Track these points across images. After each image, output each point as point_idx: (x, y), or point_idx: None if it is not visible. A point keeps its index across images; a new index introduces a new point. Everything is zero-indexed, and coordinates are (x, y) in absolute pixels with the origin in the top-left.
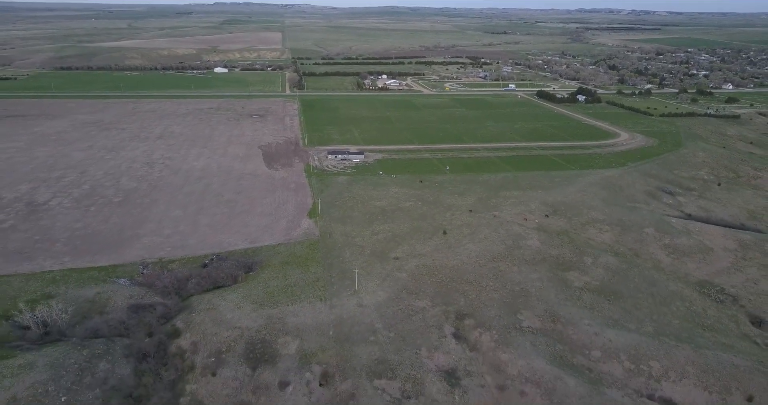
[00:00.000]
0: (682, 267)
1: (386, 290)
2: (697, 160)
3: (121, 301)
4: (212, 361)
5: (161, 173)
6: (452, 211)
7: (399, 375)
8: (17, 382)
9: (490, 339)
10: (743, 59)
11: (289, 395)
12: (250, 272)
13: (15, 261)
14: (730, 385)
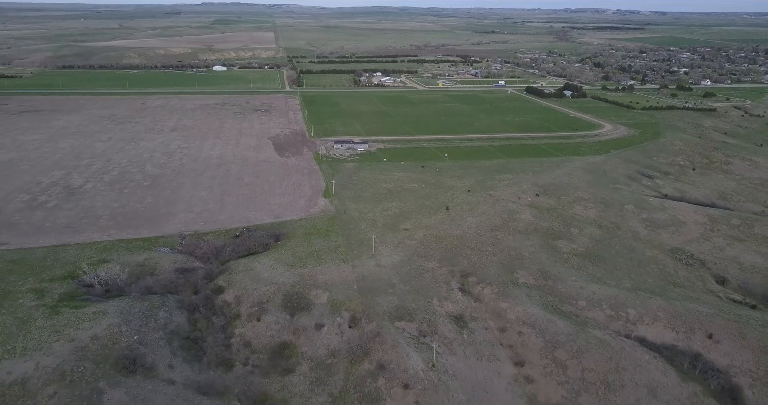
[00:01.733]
0: (657, 237)
1: (399, 254)
2: (674, 148)
3: (167, 265)
4: (255, 309)
5: (181, 161)
6: (453, 192)
7: (416, 318)
8: (95, 324)
9: (490, 292)
10: (722, 57)
11: (324, 335)
12: (278, 241)
13: (67, 234)
14: (694, 326)
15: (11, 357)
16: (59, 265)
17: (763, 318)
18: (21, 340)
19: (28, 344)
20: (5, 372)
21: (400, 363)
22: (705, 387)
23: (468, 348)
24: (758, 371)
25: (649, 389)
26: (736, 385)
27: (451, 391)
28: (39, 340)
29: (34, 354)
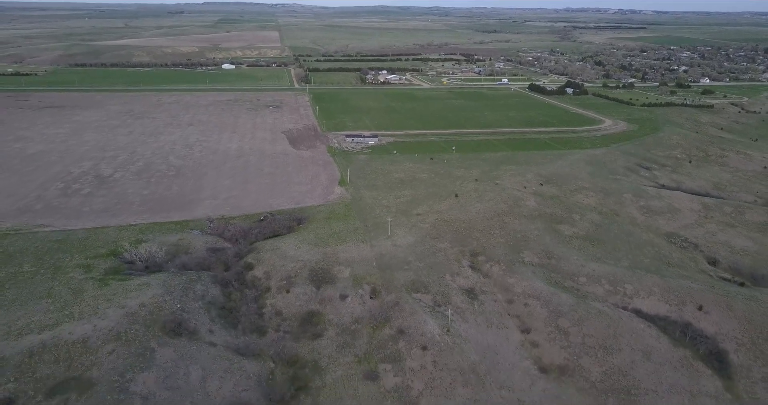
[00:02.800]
0: (653, 222)
1: (413, 236)
2: (672, 142)
3: (199, 245)
4: (284, 283)
5: (202, 153)
6: (461, 181)
7: (431, 290)
8: (141, 294)
9: (498, 269)
10: (722, 56)
11: (348, 304)
12: (300, 224)
13: (104, 217)
14: (685, 299)
15: (71, 320)
16: (101, 244)
17: (750, 293)
18: (77, 306)
19: (84, 310)
20: (67, 332)
21: (418, 328)
22: (694, 352)
23: (479, 317)
24: (743, 338)
25: (643, 353)
26: (723, 350)
27: (464, 353)
28: (93, 307)
29: (90, 318)
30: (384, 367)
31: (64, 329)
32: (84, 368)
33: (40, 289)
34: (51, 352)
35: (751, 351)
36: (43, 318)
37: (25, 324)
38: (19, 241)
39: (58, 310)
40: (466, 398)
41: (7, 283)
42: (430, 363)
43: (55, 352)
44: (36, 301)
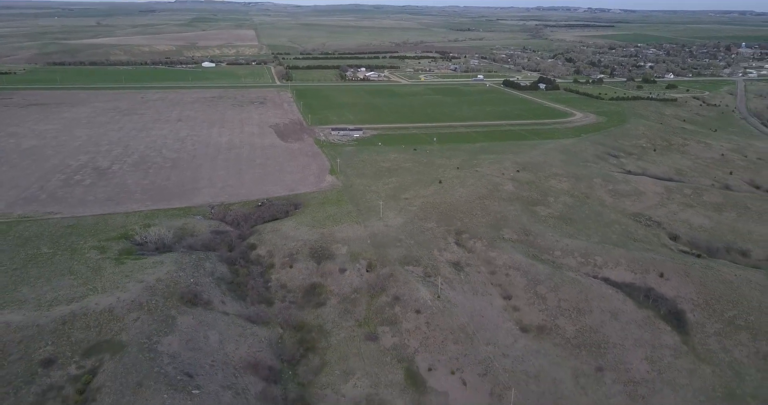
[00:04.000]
0: (620, 204)
1: (403, 217)
2: (638, 133)
3: (203, 228)
4: (287, 260)
5: (194, 146)
6: (443, 169)
7: (421, 263)
8: (156, 270)
9: (481, 245)
10: (685, 53)
11: (347, 277)
12: (296, 209)
13: (110, 205)
14: (648, 268)
15: (95, 293)
16: (111, 229)
17: (706, 263)
18: (99, 282)
19: (105, 284)
20: (94, 303)
21: (412, 295)
22: (656, 312)
23: (465, 285)
24: (698, 299)
25: (611, 314)
26: (681, 310)
27: (454, 315)
28: (114, 282)
29: (113, 291)
30: (382, 329)
31: (91, 301)
32: (114, 333)
33: (61, 268)
34: (81, 320)
35: (705, 310)
36: (68, 292)
37: (53, 297)
38: (32, 227)
39: (81, 285)
40: (457, 353)
41: (28, 263)
42: (424, 324)
43: (85, 320)
44: (59, 278)
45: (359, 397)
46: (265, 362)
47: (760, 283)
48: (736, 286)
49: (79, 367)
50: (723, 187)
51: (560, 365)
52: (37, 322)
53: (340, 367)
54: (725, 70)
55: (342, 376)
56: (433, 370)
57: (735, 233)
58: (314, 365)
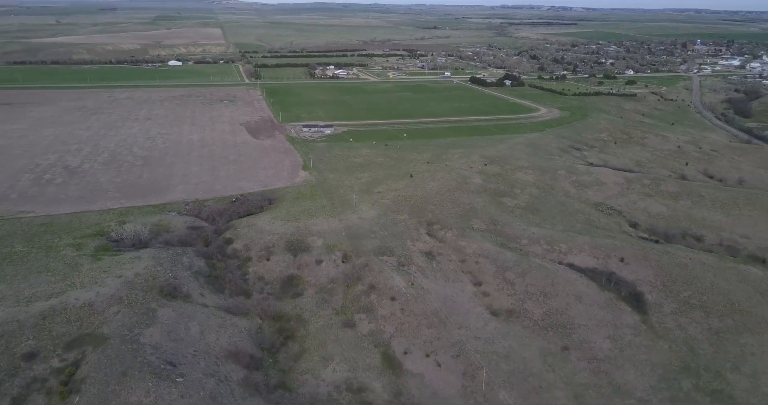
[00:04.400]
0: (583, 194)
1: (376, 210)
2: (599, 127)
3: (179, 224)
4: (263, 253)
5: (165, 144)
6: (414, 163)
7: (395, 253)
8: (135, 265)
9: (452, 235)
10: (644, 50)
11: (323, 268)
12: (271, 204)
13: (83, 203)
14: (610, 254)
15: (74, 289)
16: (86, 227)
17: (663, 248)
18: (77, 277)
19: (84, 280)
20: (73, 298)
21: (387, 283)
22: (617, 294)
23: (437, 273)
24: (656, 282)
25: (576, 297)
26: (640, 292)
27: (427, 301)
28: (92, 277)
29: (92, 286)
30: (359, 316)
31: (70, 296)
32: (95, 326)
33: (37, 265)
34: (61, 314)
35: (662, 292)
36: (47, 288)
37: (32, 294)
38: (4, 225)
39: (59, 281)
40: (431, 337)
41: (2, 261)
42: (399, 311)
43: (65, 315)
44: (36, 275)
45: (338, 381)
46: (245, 351)
47: (712, 265)
48: (691, 268)
49: (61, 360)
50: (679, 177)
51: (529, 346)
52: (17, 318)
53: (319, 353)
54: (681, 67)
55: (321, 362)
56: (409, 354)
57: (690, 220)
58: (294, 352)
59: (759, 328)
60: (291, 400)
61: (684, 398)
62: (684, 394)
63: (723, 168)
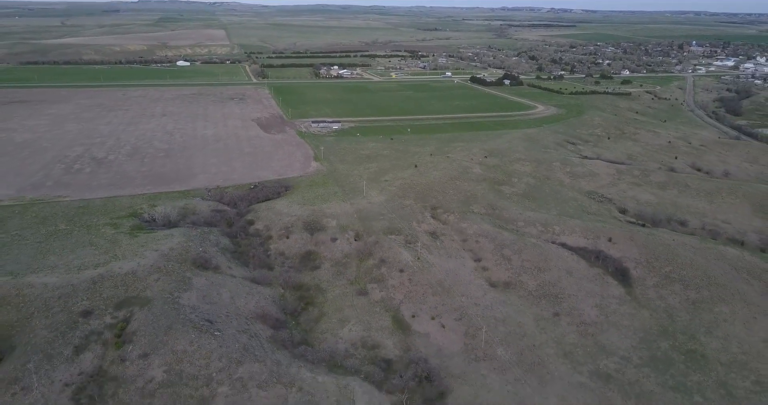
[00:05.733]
0: (577, 184)
1: (384, 196)
2: (594, 123)
3: (204, 208)
4: (283, 232)
5: (182, 138)
6: (418, 155)
7: (402, 233)
8: (168, 241)
9: (454, 218)
10: (641, 51)
11: (338, 244)
12: (287, 190)
13: (113, 189)
14: (599, 235)
15: (117, 260)
16: (119, 209)
17: (649, 231)
18: (118, 250)
19: (125, 253)
20: (117, 267)
21: (395, 258)
22: (605, 270)
23: (441, 250)
24: (640, 259)
25: (567, 271)
26: (625, 268)
27: (432, 273)
28: (132, 251)
29: (132, 258)
30: (371, 286)
31: (114, 266)
32: (139, 290)
33: (81, 241)
34: (109, 280)
35: (646, 267)
36: (93, 259)
37: (80, 263)
38: (46, 208)
39: (103, 254)
40: (436, 303)
41: (50, 237)
42: (407, 281)
43: (112, 281)
44: (81, 248)
45: (355, 339)
46: (271, 314)
47: (693, 245)
48: (673, 248)
49: (113, 317)
50: (668, 169)
51: (523, 312)
52: (71, 283)
53: (336, 316)
54: (677, 67)
55: (339, 324)
56: (416, 317)
57: (676, 207)
58: (314, 316)
59: (732, 299)
60: (313, 354)
61: (661, 356)
62: (661, 352)
63: (710, 161)
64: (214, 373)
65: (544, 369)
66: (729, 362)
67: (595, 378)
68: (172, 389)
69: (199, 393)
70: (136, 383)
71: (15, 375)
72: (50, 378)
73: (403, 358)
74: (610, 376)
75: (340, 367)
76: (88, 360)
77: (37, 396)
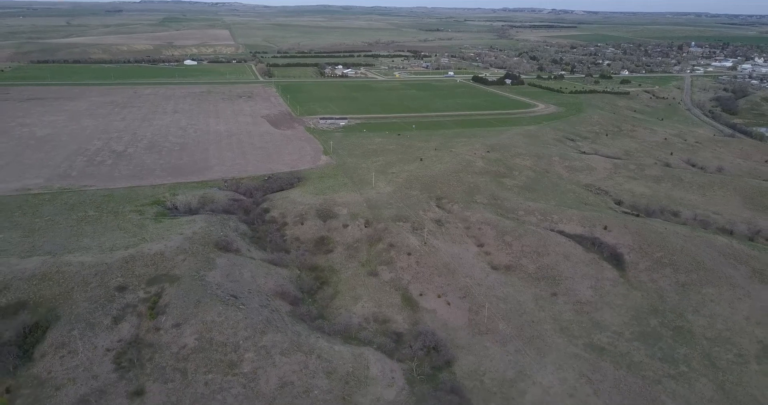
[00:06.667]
0: (575, 177)
1: (391, 187)
2: (592, 121)
3: (221, 197)
4: (297, 219)
5: (196, 133)
6: (423, 150)
7: (409, 220)
8: (191, 226)
9: (458, 207)
10: (641, 51)
11: (349, 230)
12: (299, 182)
13: (135, 180)
14: (595, 223)
15: (145, 242)
16: (143, 197)
17: (642, 220)
18: (146, 234)
19: (152, 236)
20: (147, 249)
21: (403, 242)
22: (600, 255)
23: (446, 236)
24: (634, 245)
25: (564, 256)
26: (619, 253)
27: (438, 256)
28: (158, 234)
29: (159, 240)
30: (381, 267)
31: (144, 247)
32: (168, 269)
33: (110, 225)
34: (140, 260)
35: (638, 253)
36: (123, 241)
37: (112, 245)
38: (73, 196)
39: (131, 237)
40: (442, 283)
41: (80, 222)
42: (414, 263)
43: (143, 260)
44: (111, 232)
45: (367, 314)
46: (289, 292)
47: (684, 234)
48: (665, 235)
49: (146, 292)
50: (664, 164)
51: (523, 292)
52: (105, 261)
53: (349, 294)
54: (675, 67)
55: (352, 301)
56: (424, 295)
57: (669, 199)
58: (329, 294)
59: (719, 281)
60: (329, 327)
61: (651, 332)
62: (651, 328)
63: (705, 158)
64: (241, 341)
65: (542, 342)
66: (714, 337)
67: (589, 350)
68: (204, 354)
69: (228, 358)
70: (171, 349)
71: (62, 340)
72: (93, 344)
73: (412, 331)
74: (603, 349)
75: (354, 339)
76: (126, 329)
77: (82, 359)
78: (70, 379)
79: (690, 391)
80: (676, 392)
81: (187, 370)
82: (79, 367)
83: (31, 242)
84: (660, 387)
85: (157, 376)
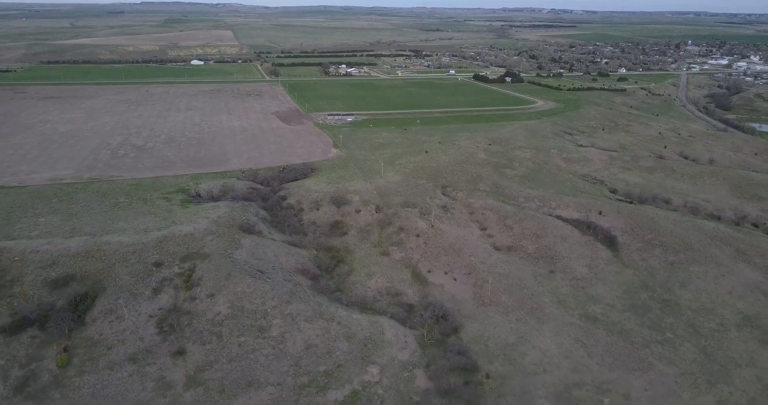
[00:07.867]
0: (572, 168)
1: (399, 176)
2: (590, 116)
3: (241, 186)
4: (313, 205)
5: (211, 129)
6: (428, 143)
7: (417, 206)
8: (216, 211)
9: (462, 194)
10: (638, 50)
11: (361, 215)
12: (312, 172)
13: (158, 171)
14: (591, 208)
15: (175, 225)
16: (168, 186)
17: (635, 206)
18: (175, 217)
19: (181, 219)
20: (177, 230)
21: (412, 225)
22: (595, 237)
23: (451, 220)
24: (626, 228)
25: (561, 238)
26: (613, 236)
27: (444, 238)
28: (186, 218)
29: (188, 223)
30: (392, 248)
31: (174, 229)
32: (198, 247)
33: (141, 210)
34: (172, 240)
35: (631, 235)
36: (155, 224)
37: (145, 227)
38: (103, 185)
39: (162, 220)
40: (448, 261)
41: (113, 208)
42: (423, 244)
43: (174, 240)
44: (143, 216)
45: (380, 288)
46: (309, 269)
47: (674, 219)
48: (656, 220)
49: (180, 267)
50: (657, 156)
51: (523, 269)
52: (141, 241)
53: (364, 271)
54: (672, 66)
55: (366, 277)
56: (432, 272)
57: (662, 188)
58: (344, 271)
59: (706, 261)
60: (347, 299)
61: (641, 304)
62: (641, 301)
63: (697, 150)
64: (269, 309)
65: (541, 312)
66: (698, 309)
67: (583, 319)
68: (236, 320)
69: (258, 323)
70: (207, 316)
71: (110, 307)
72: (137, 311)
73: (422, 303)
74: (596, 318)
75: (369, 309)
76: (165, 299)
77: (128, 323)
78: (119, 340)
79: (675, 354)
80: (662, 355)
81: (222, 334)
82: (126, 330)
83: (71, 225)
84: (648, 351)
85: (195, 339)
